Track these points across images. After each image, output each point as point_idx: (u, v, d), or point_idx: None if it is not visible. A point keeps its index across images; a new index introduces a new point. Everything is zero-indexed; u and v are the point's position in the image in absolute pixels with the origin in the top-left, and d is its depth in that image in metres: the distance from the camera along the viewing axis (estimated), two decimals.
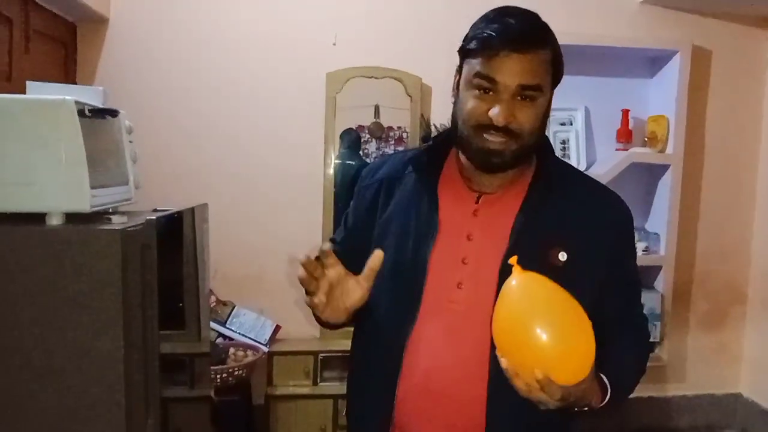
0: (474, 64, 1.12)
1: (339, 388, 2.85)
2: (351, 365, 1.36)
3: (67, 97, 1.32)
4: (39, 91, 1.43)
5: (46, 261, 1.26)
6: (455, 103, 1.19)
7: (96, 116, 1.42)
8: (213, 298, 2.85)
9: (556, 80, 1.19)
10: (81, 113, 1.34)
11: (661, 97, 3.22)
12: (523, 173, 1.22)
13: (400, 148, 3.14)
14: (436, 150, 1.28)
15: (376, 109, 3.09)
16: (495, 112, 1.10)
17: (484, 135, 1.12)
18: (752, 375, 3.46)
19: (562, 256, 1.14)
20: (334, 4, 2.99)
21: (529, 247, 1.13)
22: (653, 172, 3.25)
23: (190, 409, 1.96)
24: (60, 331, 1.27)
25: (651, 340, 1.39)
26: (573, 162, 3.16)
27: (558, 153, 3.16)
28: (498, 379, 1.06)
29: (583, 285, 1.10)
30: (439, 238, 1.18)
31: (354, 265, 1.17)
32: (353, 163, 3.09)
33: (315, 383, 2.87)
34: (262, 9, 2.95)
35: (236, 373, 2.62)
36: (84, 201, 1.32)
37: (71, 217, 1.34)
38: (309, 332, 3.04)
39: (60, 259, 1.26)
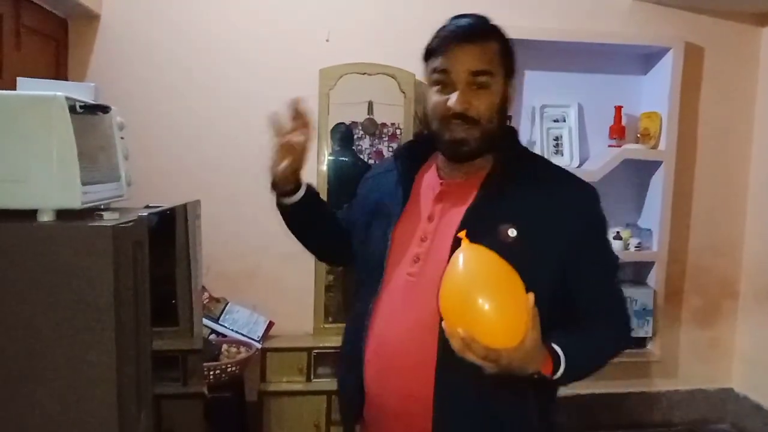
0: (431, 64, 1.28)
1: (333, 384, 2.83)
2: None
3: (58, 93, 1.31)
4: (30, 88, 1.42)
5: (36, 258, 1.26)
6: (427, 107, 1.32)
7: (87, 112, 1.42)
8: (206, 295, 2.85)
9: (509, 71, 1.29)
10: (72, 109, 1.33)
11: (653, 94, 3.23)
12: (487, 162, 1.32)
13: (394, 145, 3.14)
14: (419, 145, 1.44)
15: (370, 105, 3.09)
16: (452, 100, 1.22)
17: (449, 126, 1.24)
18: (744, 370, 3.48)
19: (512, 233, 1.20)
20: (327, 1, 2.99)
21: (480, 224, 1.21)
22: (646, 169, 3.26)
23: (183, 405, 1.96)
24: (51, 327, 1.27)
25: (631, 334, 1.42)
26: (566, 158, 3.17)
27: (551, 149, 3.19)
28: (447, 346, 1.11)
29: (536, 262, 1.18)
30: (402, 218, 1.33)
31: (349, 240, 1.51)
32: (346, 159, 3.09)
33: (308, 379, 2.88)
34: (254, 5, 2.94)
35: (229, 369, 2.62)
36: (75, 198, 1.32)
37: (62, 214, 1.33)
38: (302, 329, 3.05)
39: (51, 255, 1.26)
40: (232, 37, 2.93)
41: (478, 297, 1.05)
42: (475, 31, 1.26)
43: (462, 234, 1.12)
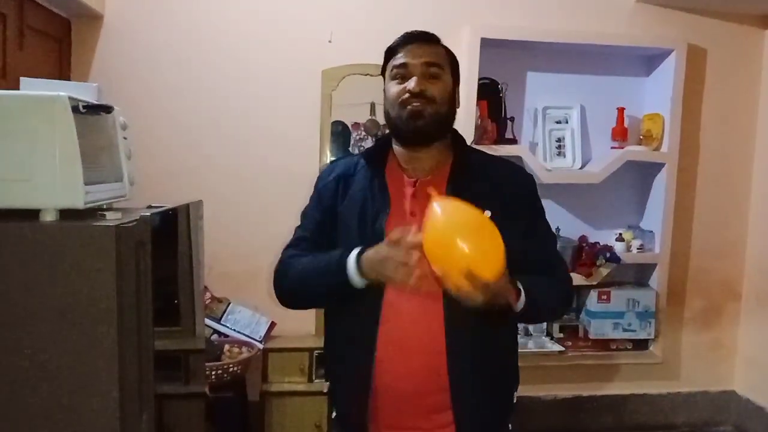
0: (391, 62, 1.50)
1: None
2: (328, 334, 1.64)
3: (61, 94, 1.32)
4: (33, 88, 1.43)
5: (39, 257, 1.26)
6: (385, 103, 1.51)
7: (90, 112, 1.42)
8: (208, 295, 2.85)
9: (455, 76, 1.53)
10: (75, 109, 1.33)
11: (656, 96, 3.23)
12: (446, 162, 1.52)
13: None
14: (381, 148, 1.59)
15: (372, 106, 3.09)
16: (411, 83, 1.44)
17: (408, 103, 1.44)
18: (746, 372, 3.47)
19: (487, 213, 1.33)
20: (330, 2, 2.99)
21: None
22: (648, 170, 3.26)
23: (185, 405, 1.96)
24: (54, 327, 1.27)
25: (572, 291, 1.70)
26: (568, 160, 3.17)
27: (553, 151, 3.19)
28: (452, 314, 1.40)
29: (510, 233, 1.32)
30: (391, 213, 1.45)
31: (323, 248, 1.52)
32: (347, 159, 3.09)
33: (310, 380, 2.88)
34: (257, 6, 2.94)
35: (231, 369, 2.62)
36: (78, 197, 1.32)
37: (65, 214, 1.34)
38: (304, 329, 3.05)
39: (54, 255, 1.26)
40: (235, 38, 2.94)
41: (465, 238, 1.22)
42: (427, 35, 1.51)
43: (431, 190, 1.31)
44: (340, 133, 3.08)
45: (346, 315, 1.52)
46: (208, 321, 2.80)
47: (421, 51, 1.47)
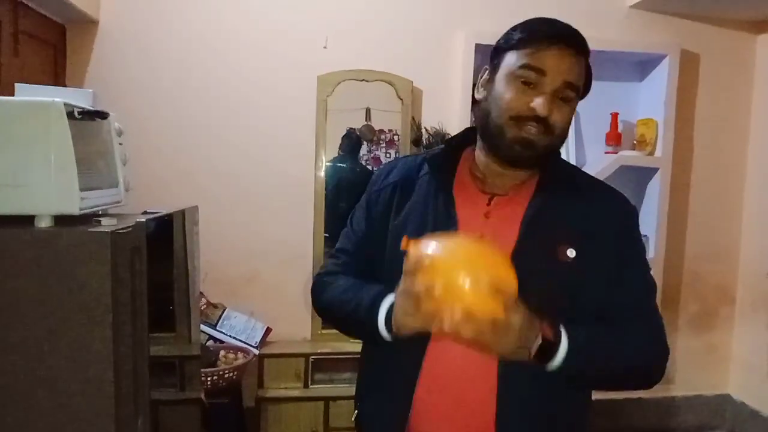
0: (520, 56, 1.16)
1: (330, 390, 2.85)
2: (364, 370, 1.40)
3: (56, 100, 1.32)
4: (28, 94, 1.42)
5: (34, 263, 1.26)
6: (486, 99, 1.22)
7: (85, 118, 1.42)
8: (203, 301, 2.85)
9: (583, 93, 1.25)
10: (70, 115, 1.33)
11: (650, 101, 3.25)
12: (532, 178, 1.26)
13: (392, 151, 3.15)
14: (452, 152, 1.31)
15: (368, 112, 3.09)
16: (539, 102, 1.13)
17: (523, 126, 1.15)
18: (741, 376, 3.48)
19: (570, 253, 1.17)
20: (325, 8, 3.00)
21: (537, 244, 1.17)
22: (642, 175, 3.27)
23: (181, 412, 1.96)
24: (49, 333, 1.27)
25: (664, 359, 1.28)
26: None
27: None
28: (506, 374, 1.15)
29: (592, 281, 1.17)
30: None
31: (367, 271, 1.31)
32: (345, 165, 3.11)
33: (306, 385, 2.87)
34: (252, 12, 2.95)
35: (227, 375, 2.61)
36: (73, 203, 1.32)
37: (60, 220, 1.33)
38: (300, 334, 3.05)
39: (49, 261, 1.26)
40: (230, 44, 2.94)
41: (451, 276, 1.02)
42: (578, 39, 1.19)
43: (404, 242, 1.08)
44: (355, 140, 3.09)
45: (385, 348, 1.23)
46: (203, 327, 2.79)
47: (567, 63, 1.16)
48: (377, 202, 1.33)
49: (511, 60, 1.18)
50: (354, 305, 1.23)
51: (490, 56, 1.25)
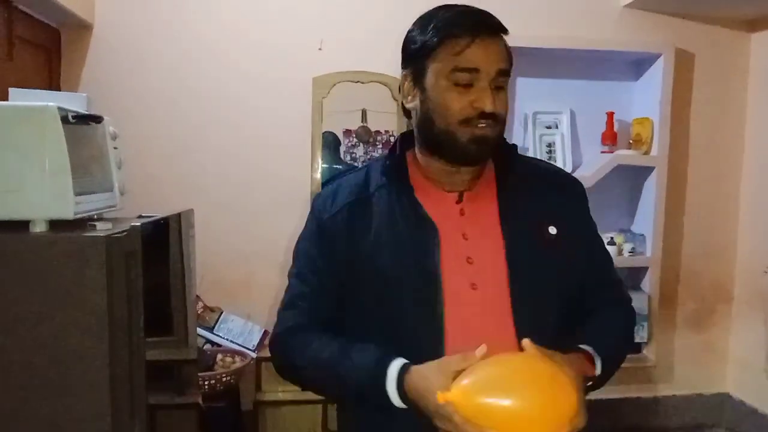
0: (446, 60, 1.10)
1: None
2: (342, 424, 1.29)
3: (50, 104, 1.32)
4: (22, 98, 1.42)
5: (29, 268, 1.25)
6: (421, 108, 1.15)
7: (80, 123, 1.42)
8: (200, 304, 2.84)
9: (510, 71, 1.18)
10: (65, 120, 1.33)
11: (645, 100, 3.25)
12: (485, 166, 1.23)
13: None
14: (401, 158, 1.23)
15: (363, 113, 3.09)
16: (485, 102, 1.09)
17: (473, 125, 1.10)
18: (739, 374, 3.48)
19: (552, 230, 1.18)
20: (320, 9, 3.00)
21: (522, 232, 1.17)
22: (638, 174, 3.28)
23: (178, 416, 1.95)
24: (45, 338, 1.26)
25: (634, 314, 1.37)
26: (559, 164, 3.18)
27: (544, 156, 3.20)
28: None
29: (575, 255, 1.19)
30: (441, 241, 1.14)
31: (334, 315, 1.20)
32: (339, 167, 3.11)
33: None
34: (247, 14, 2.94)
35: (224, 379, 2.61)
36: (68, 208, 1.32)
37: (55, 225, 1.33)
38: None
39: (44, 266, 1.25)
40: (225, 46, 2.94)
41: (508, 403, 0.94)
42: (495, 21, 1.13)
43: (441, 395, 0.97)
44: (332, 141, 3.08)
45: (394, 415, 1.08)
46: (200, 330, 2.78)
47: (494, 51, 1.10)
48: (333, 230, 1.18)
49: (436, 65, 1.11)
50: (346, 369, 1.10)
51: (405, 58, 1.19)
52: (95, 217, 1.48)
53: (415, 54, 1.15)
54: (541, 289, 1.15)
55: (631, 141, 3.25)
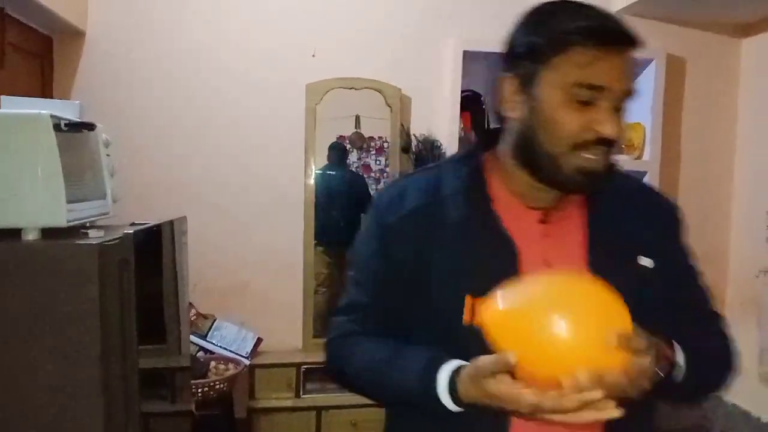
0: (568, 70, 0.93)
1: (322, 399, 2.84)
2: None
3: (42, 112, 1.31)
4: (14, 106, 1.42)
5: (22, 276, 1.25)
6: (524, 119, 0.98)
7: (72, 130, 1.42)
8: (193, 312, 2.83)
9: None
10: (57, 127, 1.33)
11: (637, 105, 3.25)
12: None
13: (381, 158, 3.15)
14: (479, 163, 1.08)
15: (357, 119, 3.10)
16: (606, 125, 0.93)
17: (588, 152, 0.95)
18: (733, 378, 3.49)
19: (646, 262, 1.04)
20: (313, 16, 3.00)
21: (611, 262, 1.00)
22: None
23: (171, 424, 1.95)
24: (37, 346, 1.26)
25: (733, 346, 1.27)
26: None
27: None
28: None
29: (669, 292, 1.06)
30: (521, 266, 0.99)
31: (392, 320, 1.07)
32: (334, 173, 3.12)
33: (298, 395, 2.86)
34: (240, 21, 2.95)
35: (218, 386, 2.60)
36: (61, 216, 1.31)
37: (48, 232, 1.33)
38: (291, 344, 3.03)
39: (36, 274, 1.25)
40: (218, 53, 2.94)
41: (566, 321, 0.81)
42: (631, 34, 0.96)
43: (468, 309, 0.90)
44: (342, 151, 3.12)
45: (447, 420, 0.97)
46: (193, 338, 2.77)
47: (624, 69, 0.94)
48: (397, 235, 1.05)
49: (552, 75, 0.94)
50: (397, 370, 1.01)
51: (510, 60, 1.01)
52: (88, 224, 1.47)
53: (525, 57, 0.97)
54: None
55: (622, 146, 3.27)
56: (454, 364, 0.95)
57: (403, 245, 1.05)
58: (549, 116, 0.95)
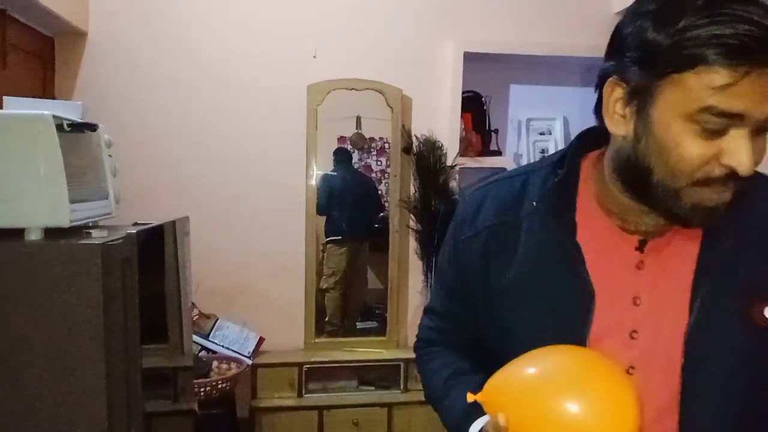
0: (695, 92, 0.70)
1: (325, 399, 2.85)
2: None
3: (45, 112, 1.32)
4: (16, 107, 1.43)
5: (25, 276, 1.25)
6: (633, 140, 0.78)
7: (75, 131, 1.42)
8: (195, 311, 2.84)
9: None
10: (59, 128, 1.34)
11: None
12: None
13: (383, 159, 3.15)
14: (568, 180, 0.89)
15: (358, 120, 3.11)
16: (741, 159, 0.71)
17: (708, 188, 0.75)
18: None
19: None
20: (314, 17, 3.01)
21: (723, 307, 0.82)
22: None
23: (174, 423, 1.95)
24: (40, 346, 1.26)
25: None
26: None
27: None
28: None
29: None
30: (596, 308, 0.85)
31: (463, 329, 1.02)
32: (336, 174, 3.14)
33: (300, 395, 2.87)
34: (242, 23, 2.95)
35: (220, 386, 2.60)
36: (63, 216, 1.32)
37: (50, 233, 1.33)
38: (293, 343, 3.04)
39: (39, 274, 1.26)
40: (220, 54, 2.95)
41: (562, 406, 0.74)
42: None
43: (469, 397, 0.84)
44: (346, 154, 3.17)
45: None
46: (196, 338, 2.78)
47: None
48: (468, 255, 0.96)
49: (675, 94, 0.72)
50: (445, 406, 0.97)
51: (619, 57, 0.79)
52: (90, 224, 1.48)
53: (640, 62, 0.75)
54: (730, 392, 0.82)
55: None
56: (485, 419, 0.86)
57: (470, 267, 0.96)
58: (666, 145, 0.74)
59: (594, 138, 0.90)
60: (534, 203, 0.91)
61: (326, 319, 3.18)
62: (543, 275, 0.88)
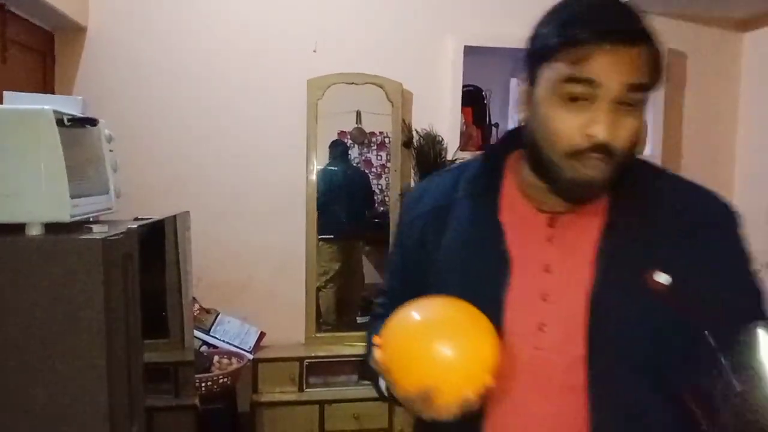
0: (561, 66, 0.86)
1: (325, 393, 2.85)
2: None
3: (45, 107, 1.32)
4: (16, 102, 1.42)
5: (26, 272, 1.26)
6: (529, 120, 0.93)
7: (75, 126, 1.42)
8: (196, 306, 2.84)
9: (654, 85, 0.92)
10: (60, 123, 1.33)
11: None
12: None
13: (383, 153, 3.15)
14: (493, 167, 1.04)
15: (358, 114, 3.11)
16: (597, 127, 0.85)
17: (581, 161, 0.87)
18: None
19: (664, 279, 0.90)
20: (314, 12, 3.00)
21: (621, 273, 0.93)
22: None
23: (175, 417, 1.96)
24: (41, 341, 1.26)
25: None
26: None
27: None
28: (601, 429, 0.91)
29: (697, 308, 0.88)
30: (512, 274, 0.96)
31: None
32: (336, 168, 3.13)
33: (301, 389, 2.87)
34: (242, 17, 2.95)
35: (221, 380, 2.61)
36: (64, 211, 1.32)
37: (51, 227, 1.33)
38: (294, 338, 3.04)
39: (40, 269, 1.26)
40: (220, 49, 2.94)
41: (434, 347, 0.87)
42: (634, 27, 0.89)
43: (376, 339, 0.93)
44: (343, 147, 3.17)
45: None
46: (197, 332, 2.79)
47: (624, 61, 0.85)
48: (409, 236, 1.09)
49: (549, 73, 0.88)
50: (368, 358, 1.02)
51: (523, 62, 0.96)
52: (91, 219, 1.48)
53: (532, 55, 0.93)
54: (633, 348, 0.92)
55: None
56: None
57: (414, 244, 1.08)
58: (543, 117, 0.89)
59: (512, 140, 1.04)
60: (464, 189, 1.05)
61: (321, 318, 3.18)
62: (469, 249, 1.01)
